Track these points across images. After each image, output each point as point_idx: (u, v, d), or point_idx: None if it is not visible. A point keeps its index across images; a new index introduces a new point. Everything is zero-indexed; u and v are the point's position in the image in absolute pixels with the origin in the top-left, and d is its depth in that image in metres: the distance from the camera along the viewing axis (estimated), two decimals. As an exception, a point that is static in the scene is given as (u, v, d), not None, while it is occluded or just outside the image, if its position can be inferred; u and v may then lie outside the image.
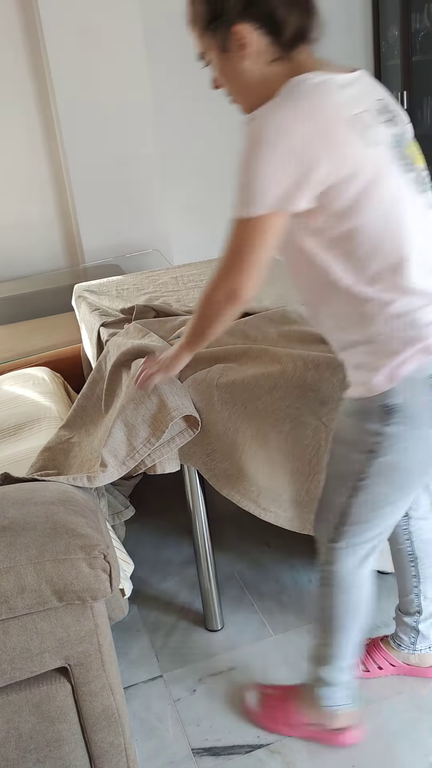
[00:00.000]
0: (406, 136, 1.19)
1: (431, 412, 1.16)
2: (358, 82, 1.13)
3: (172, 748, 1.50)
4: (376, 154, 1.09)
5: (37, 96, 3.20)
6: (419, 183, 1.17)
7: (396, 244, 1.12)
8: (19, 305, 3.18)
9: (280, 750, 1.47)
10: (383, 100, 1.17)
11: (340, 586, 1.36)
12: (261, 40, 1.11)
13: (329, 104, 1.07)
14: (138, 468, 1.54)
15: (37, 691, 1.23)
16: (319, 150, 1.04)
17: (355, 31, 3.55)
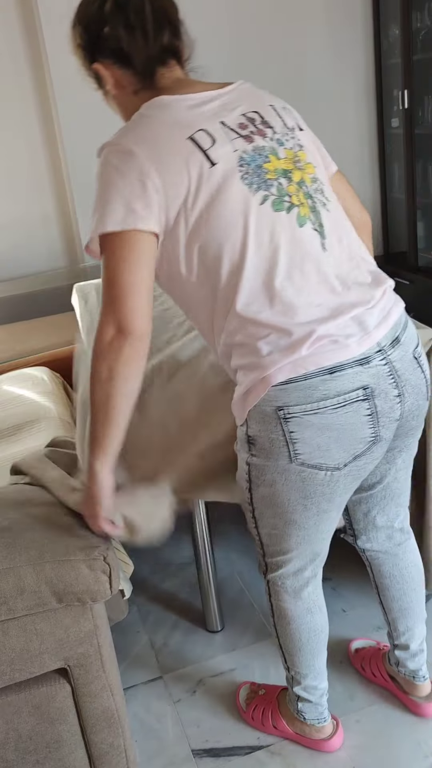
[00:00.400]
0: (275, 149, 1.12)
1: (289, 446, 1.10)
2: (221, 97, 1.13)
3: (172, 749, 1.50)
4: (219, 173, 1.07)
5: (36, 96, 3.19)
6: (281, 200, 1.10)
7: (233, 269, 1.08)
8: (18, 305, 3.18)
9: (280, 751, 1.47)
10: (257, 113, 1.14)
11: (281, 617, 1.36)
12: (119, 73, 1.15)
13: (165, 127, 1.08)
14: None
15: (36, 693, 1.23)
16: (157, 173, 1.05)
17: (355, 31, 3.55)
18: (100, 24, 1.12)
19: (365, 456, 1.14)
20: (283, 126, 1.16)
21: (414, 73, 3.24)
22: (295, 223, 1.10)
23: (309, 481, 1.14)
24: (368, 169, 3.81)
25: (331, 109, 3.63)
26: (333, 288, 1.11)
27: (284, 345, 1.07)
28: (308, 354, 1.06)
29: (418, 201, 3.45)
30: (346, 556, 2.02)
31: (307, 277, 1.10)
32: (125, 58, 1.13)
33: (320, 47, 3.53)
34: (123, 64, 1.14)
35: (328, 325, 1.08)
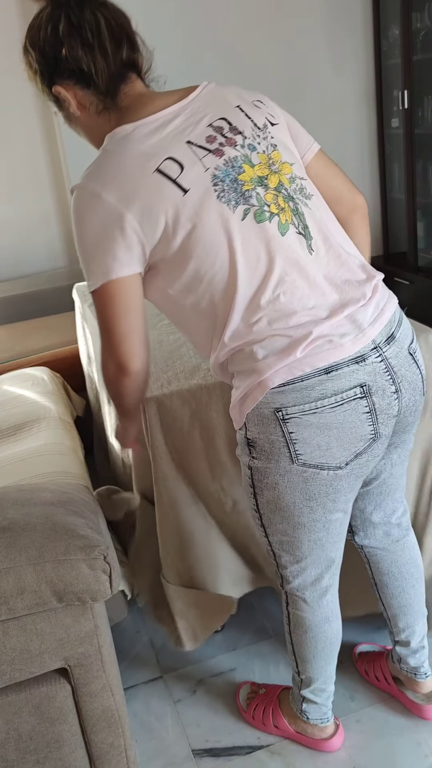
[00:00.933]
0: (248, 157, 1.10)
1: (289, 446, 1.10)
2: (185, 111, 1.10)
3: (173, 749, 1.50)
4: (193, 199, 1.06)
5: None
6: (262, 211, 1.09)
7: (226, 288, 1.09)
8: (18, 305, 3.18)
9: (280, 751, 1.47)
10: (224, 119, 1.11)
11: (298, 626, 1.35)
12: (81, 94, 1.13)
13: (130, 163, 1.06)
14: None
15: (36, 692, 1.22)
16: (131, 214, 1.04)
17: (355, 31, 3.55)
18: (56, 47, 1.09)
19: (366, 453, 1.14)
20: (254, 127, 1.13)
21: (414, 74, 3.24)
22: (278, 231, 1.10)
23: (312, 482, 1.14)
24: (368, 169, 3.82)
25: (331, 109, 3.64)
26: (323, 290, 1.11)
27: (279, 348, 1.08)
28: (303, 356, 1.07)
29: (418, 201, 3.45)
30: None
31: (298, 283, 1.10)
32: (86, 78, 1.10)
33: (320, 48, 3.53)
34: (84, 85, 1.11)
35: (323, 326, 1.08)
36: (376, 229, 3.94)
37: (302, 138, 1.23)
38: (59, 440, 1.83)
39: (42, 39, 1.11)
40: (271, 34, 3.43)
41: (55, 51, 1.09)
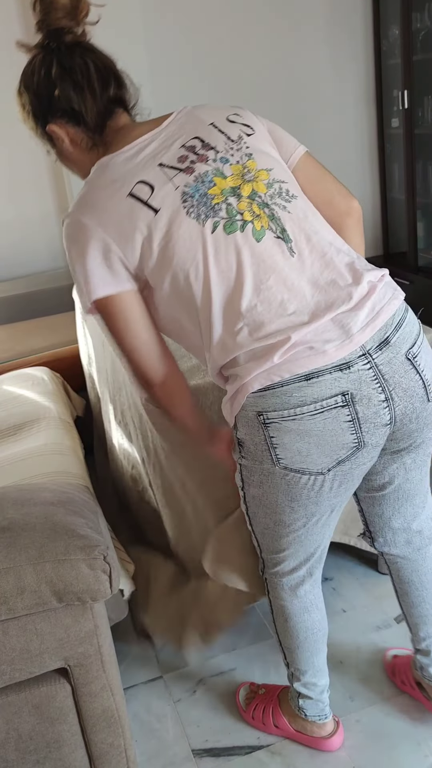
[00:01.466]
0: (220, 170, 1.13)
1: (270, 450, 1.12)
2: (159, 136, 1.16)
3: (173, 749, 1.50)
4: (164, 218, 1.10)
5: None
6: (232, 221, 1.11)
7: (204, 301, 1.12)
8: (18, 305, 3.18)
9: (280, 751, 1.47)
10: (198, 138, 1.15)
11: (279, 614, 1.37)
12: (73, 131, 1.20)
13: (105, 191, 1.12)
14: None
15: (36, 692, 1.23)
16: (111, 238, 1.11)
17: (355, 31, 3.55)
18: (49, 88, 1.18)
19: (350, 461, 1.13)
20: (227, 141, 1.15)
21: (414, 74, 3.24)
22: (252, 239, 1.11)
23: (293, 485, 1.14)
24: (368, 169, 3.82)
25: (331, 109, 3.64)
26: (304, 294, 1.11)
27: (259, 354, 1.08)
28: (282, 362, 1.07)
29: (417, 201, 3.45)
30: (346, 557, 2.03)
31: (275, 290, 1.10)
32: (77, 117, 1.18)
33: (321, 48, 3.53)
34: (75, 123, 1.19)
35: (303, 331, 1.07)
36: (376, 228, 3.94)
37: (286, 142, 1.24)
38: (59, 440, 1.83)
39: (36, 82, 1.21)
40: (271, 35, 3.43)
41: (49, 92, 1.18)
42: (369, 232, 3.95)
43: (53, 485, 1.47)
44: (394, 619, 1.76)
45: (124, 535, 1.99)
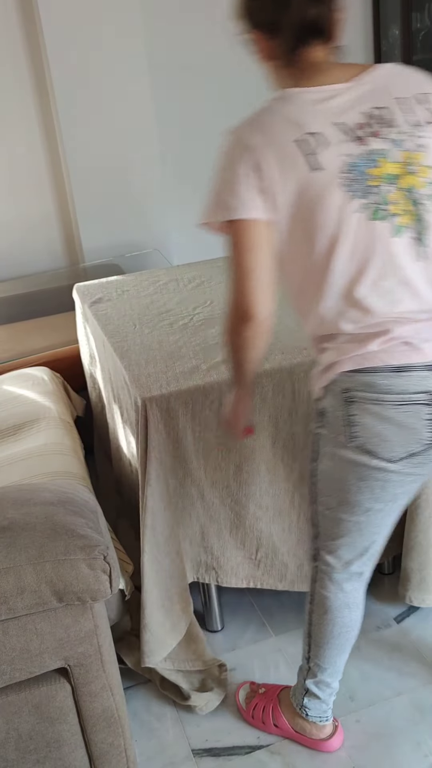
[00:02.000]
0: (388, 152, 1.11)
1: (349, 427, 1.15)
2: (350, 91, 1.14)
3: (172, 749, 1.50)
4: (318, 179, 1.09)
5: (37, 96, 3.19)
6: (378, 209, 1.10)
7: (321, 272, 1.13)
8: (19, 305, 3.18)
9: (280, 751, 1.47)
10: (383, 108, 1.13)
11: (320, 605, 1.37)
12: (270, 45, 1.18)
13: (279, 126, 1.11)
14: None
15: (36, 692, 1.23)
16: (268, 168, 1.09)
17: (355, 31, 3.55)
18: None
19: (421, 456, 1.16)
20: (407, 123, 1.13)
21: (414, 74, 3.24)
22: (390, 232, 1.11)
23: (363, 465, 1.17)
24: (368, 170, 3.81)
25: (330, 109, 3.64)
26: (421, 296, 1.13)
27: (359, 338, 1.13)
28: (379, 350, 1.12)
29: (417, 201, 3.45)
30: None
31: (393, 288, 1.12)
32: (273, 31, 1.15)
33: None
34: (271, 36, 1.16)
35: (405, 328, 1.12)
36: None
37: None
38: (59, 440, 1.83)
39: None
40: (271, 35, 3.43)
41: (250, 4, 1.18)
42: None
43: (53, 485, 1.47)
44: (393, 619, 1.76)
45: (124, 535, 1.99)
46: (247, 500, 1.60)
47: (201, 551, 1.65)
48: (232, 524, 1.62)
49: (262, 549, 1.65)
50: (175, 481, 1.56)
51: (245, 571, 1.66)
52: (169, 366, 1.64)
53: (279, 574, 1.67)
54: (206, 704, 1.57)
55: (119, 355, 1.76)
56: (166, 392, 1.52)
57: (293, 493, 1.61)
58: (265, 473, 1.59)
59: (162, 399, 1.51)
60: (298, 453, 1.58)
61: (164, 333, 1.86)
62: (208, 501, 1.59)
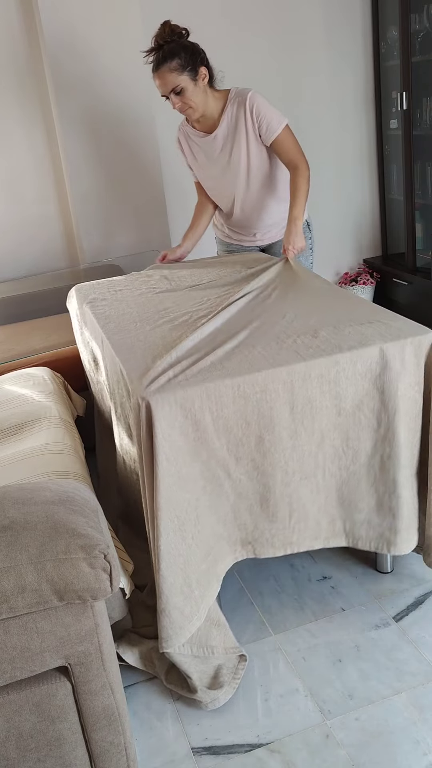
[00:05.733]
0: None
1: None
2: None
3: (172, 747, 1.51)
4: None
5: (37, 96, 3.20)
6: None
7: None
8: (19, 305, 3.19)
9: (279, 749, 1.47)
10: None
11: None
12: (207, 74, 2.27)
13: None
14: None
15: (37, 691, 1.23)
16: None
17: (354, 32, 3.56)
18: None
19: None
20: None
21: (412, 75, 3.25)
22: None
23: None
24: (367, 171, 3.83)
25: (330, 110, 3.65)
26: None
27: None
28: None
29: (416, 202, 3.46)
30: (345, 556, 2.03)
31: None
32: (210, 69, 2.36)
33: (320, 49, 3.54)
34: (209, 72, 2.33)
35: None
36: (375, 229, 3.95)
37: None
38: (60, 440, 1.84)
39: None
40: (270, 35, 3.44)
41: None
42: (368, 233, 3.96)
43: (54, 484, 1.47)
44: (392, 617, 1.77)
45: (124, 535, 2.00)
46: (274, 469, 1.61)
47: (235, 530, 1.65)
48: (261, 497, 1.63)
49: (295, 514, 1.66)
50: (199, 464, 1.56)
51: (281, 540, 1.67)
52: (177, 358, 1.66)
53: (313, 534, 1.69)
54: (212, 701, 1.58)
55: (124, 350, 1.79)
56: (182, 378, 1.54)
57: (316, 453, 1.63)
58: (287, 439, 1.59)
59: (176, 384, 1.51)
60: (316, 414, 1.59)
61: (166, 329, 1.88)
62: (235, 478, 1.60)
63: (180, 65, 2.18)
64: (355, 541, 1.72)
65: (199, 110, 2.28)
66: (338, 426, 1.62)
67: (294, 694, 1.59)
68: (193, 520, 1.56)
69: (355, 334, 1.68)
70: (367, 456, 1.66)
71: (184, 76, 2.20)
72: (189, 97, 2.24)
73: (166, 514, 1.52)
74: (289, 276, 2.17)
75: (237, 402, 1.54)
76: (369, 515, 1.70)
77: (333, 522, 1.70)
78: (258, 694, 1.60)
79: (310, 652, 1.70)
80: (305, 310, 1.87)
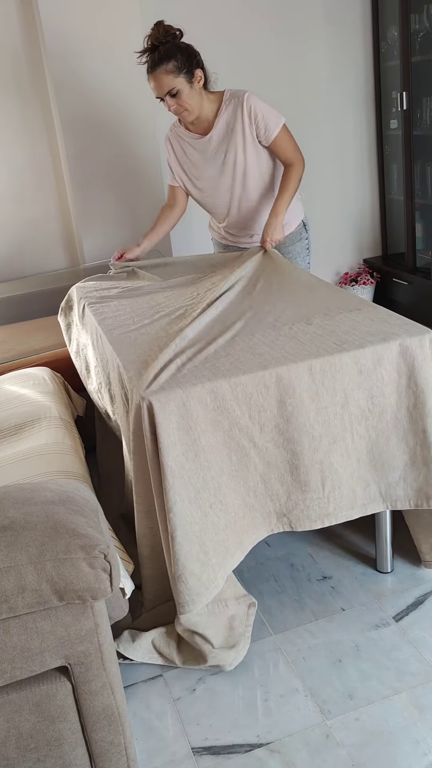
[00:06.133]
0: None
1: None
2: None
3: (172, 747, 1.51)
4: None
5: (37, 96, 3.20)
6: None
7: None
8: (19, 305, 3.19)
9: (279, 749, 1.47)
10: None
11: None
12: (203, 76, 2.27)
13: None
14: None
15: (37, 691, 1.23)
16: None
17: (355, 32, 3.56)
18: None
19: None
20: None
21: (412, 75, 3.25)
22: None
23: None
24: (367, 171, 3.82)
25: (330, 110, 3.65)
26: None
27: None
28: None
29: (416, 202, 3.46)
30: (345, 555, 2.03)
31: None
32: (205, 71, 2.35)
33: (319, 49, 3.54)
34: (204, 74, 2.32)
35: None
36: (375, 229, 3.95)
37: None
38: (60, 440, 1.84)
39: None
40: (270, 36, 3.44)
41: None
42: (368, 233, 3.96)
43: (54, 484, 1.48)
44: (392, 617, 1.77)
45: (124, 535, 2.00)
46: (300, 434, 1.59)
47: (267, 501, 1.63)
48: (291, 465, 1.61)
49: (328, 482, 1.64)
50: (222, 434, 1.55)
51: (317, 512, 1.66)
52: (182, 348, 1.69)
53: (349, 503, 1.67)
54: (232, 661, 1.61)
55: (126, 343, 1.81)
56: (191, 353, 1.60)
57: (342, 415, 1.61)
58: (309, 402, 1.58)
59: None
60: (336, 374, 1.59)
61: (164, 324, 1.89)
62: (261, 447, 1.58)
63: (176, 67, 2.17)
64: (393, 503, 1.71)
65: (195, 112, 2.28)
66: (361, 385, 1.61)
67: (294, 694, 1.59)
68: (213, 489, 1.55)
69: (347, 321, 1.71)
70: (393, 410, 1.64)
71: (180, 79, 2.18)
72: (185, 100, 2.23)
73: (179, 482, 1.51)
74: (271, 267, 2.21)
75: (254, 368, 1.55)
76: (404, 472, 1.69)
77: (368, 487, 1.68)
78: (258, 694, 1.60)
79: (310, 652, 1.70)
80: (293, 299, 1.92)
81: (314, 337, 1.65)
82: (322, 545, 2.07)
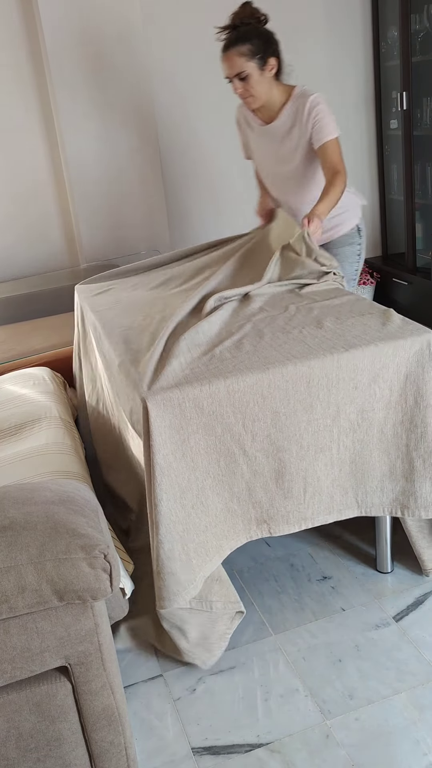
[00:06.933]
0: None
1: None
2: None
3: (172, 747, 1.51)
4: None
5: (38, 96, 3.20)
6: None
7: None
8: (19, 305, 3.19)
9: (279, 749, 1.47)
10: None
11: None
12: (276, 65, 2.22)
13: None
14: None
15: (37, 691, 1.23)
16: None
17: (355, 32, 3.56)
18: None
19: None
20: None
21: (412, 75, 3.25)
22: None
23: None
24: (367, 171, 3.82)
25: (330, 110, 3.64)
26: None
27: None
28: None
29: (416, 202, 3.46)
30: (345, 555, 2.03)
31: None
32: (280, 61, 2.30)
33: (319, 49, 3.54)
34: (279, 63, 2.29)
35: None
36: (375, 229, 3.95)
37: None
38: (60, 440, 1.84)
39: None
40: (270, 36, 3.43)
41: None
42: (369, 233, 3.96)
43: (54, 484, 1.48)
44: (392, 617, 1.77)
45: (124, 535, 2.00)
46: (289, 443, 1.61)
47: (250, 507, 1.65)
48: (277, 474, 1.63)
49: (309, 489, 1.66)
50: (213, 438, 1.56)
51: (296, 516, 1.68)
52: (185, 344, 1.69)
53: (327, 507, 1.70)
54: (206, 660, 1.63)
55: (128, 341, 1.81)
56: (198, 353, 1.60)
57: (331, 427, 1.63)
58: (302, 413, 1.60)
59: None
60: (332, 388, 1.60)
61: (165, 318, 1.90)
62: (251, 455, 1.60)
63: (250, 51, 2.13)
64: (368, 510, 1.73)
65: (260, 100, 2.23)
66: (354, 400, 1.63)
67: (294, 694, 1.59)
68: (196, 490, 1.56)
69: (358, 325, 1.70)
70: (380, 425, 1.66)
71: (252, 63, 2.14)
72: (252, 85, 2.18)
73: (167, 480, 1.52)
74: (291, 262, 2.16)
75: (254, 375, 1.55)
76: (381, 482, 1.71)
77: (346, 494, 1.70)
78: (258, 694, 1.61)
79: (310, 652, 1.70)
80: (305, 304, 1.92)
81: (323, 341, 1.65)
82: (322, 545, 2.07)
